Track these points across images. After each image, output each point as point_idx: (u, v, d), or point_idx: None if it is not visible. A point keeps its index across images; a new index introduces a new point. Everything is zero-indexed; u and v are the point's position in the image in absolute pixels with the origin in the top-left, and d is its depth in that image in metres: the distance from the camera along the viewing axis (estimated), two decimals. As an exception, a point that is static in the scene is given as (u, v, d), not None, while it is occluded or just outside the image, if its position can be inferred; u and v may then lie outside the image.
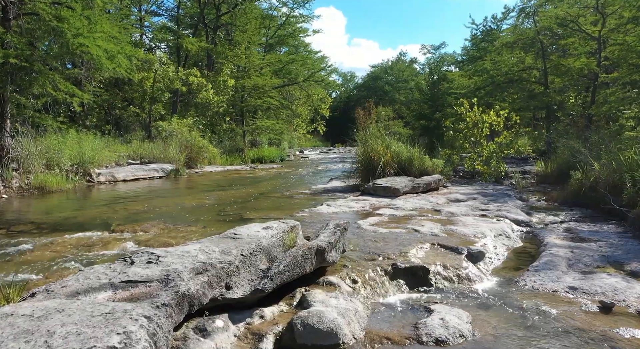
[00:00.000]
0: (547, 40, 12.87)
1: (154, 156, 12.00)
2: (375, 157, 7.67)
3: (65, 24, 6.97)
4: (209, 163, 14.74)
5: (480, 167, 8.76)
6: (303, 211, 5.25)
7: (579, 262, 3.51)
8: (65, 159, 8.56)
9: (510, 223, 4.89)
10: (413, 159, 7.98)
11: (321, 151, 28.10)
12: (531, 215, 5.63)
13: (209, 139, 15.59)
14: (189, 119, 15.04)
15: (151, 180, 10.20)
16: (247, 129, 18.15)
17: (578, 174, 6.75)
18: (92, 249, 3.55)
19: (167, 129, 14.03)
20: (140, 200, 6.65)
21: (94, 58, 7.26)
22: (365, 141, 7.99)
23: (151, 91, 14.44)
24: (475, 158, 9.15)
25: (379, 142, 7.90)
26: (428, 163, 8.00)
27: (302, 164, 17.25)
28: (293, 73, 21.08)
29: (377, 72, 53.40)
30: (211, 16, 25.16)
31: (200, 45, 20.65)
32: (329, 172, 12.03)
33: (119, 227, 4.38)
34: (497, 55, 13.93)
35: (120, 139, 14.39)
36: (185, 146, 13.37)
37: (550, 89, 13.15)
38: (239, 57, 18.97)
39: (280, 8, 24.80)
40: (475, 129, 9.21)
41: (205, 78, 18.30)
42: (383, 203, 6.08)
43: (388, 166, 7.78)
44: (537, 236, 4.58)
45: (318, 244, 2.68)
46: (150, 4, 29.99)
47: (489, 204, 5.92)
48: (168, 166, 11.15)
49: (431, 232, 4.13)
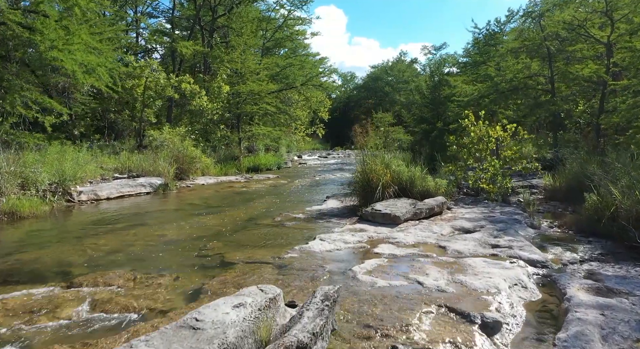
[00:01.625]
0: (554, 47, 12.30)
1: (143, 168, 11.45)
2: (374, 178, 7.12)
3: (37, 35, 6.40)
4: (202, 174, 14.20)
5: (485, 186, 8.21)
6: (293, 250, 4.70)
7: (614, 332, 2.96)
8: (44, 177, 8.01)
9: (525, 266, 4.33)
10: (415, 179, 7.43)
11: (320, 155, 27.56)
12: (546, 249, 5.09)
13: (202, 148, 15.04)
14: (182, 127, 14.50)
15: (138, 197, 9.65)
16: (243, 136, 17.59)
17: (593, 198, 6.19)
18: (34, 317, 3.00)
19: (159, 138, 13.49)
20: (117, 230, 6.09)
21: (69, 73, 6.70)
22: (363, 161, 7.44)
23: (142, 99, 13.88)
24: (480, 175, 8.59)
25: (378, 162, 7.34)
26: (431, 183, 7.44)
27: (300, 172, 16.70)
28: (290, 78, 20.51)
29: (377, 72, 52.83)
30: (207, 18, 24.61)
31: (195, 48, 20.09)
32: (326, 187, 11.48)
33: (79, 277, 3.82)
34: (502, 61, 13.38)
35: (109, 149, 13.86)
36: (176, 156, 12.82)
37: (557, 97, 12.60)
38: (234, 61, 18.41)
39: (278, 9, 24.27)
40: (480, 143, 8.66)
41: (200, 84, 17.76)
42: (382, 235, 5.53)
43: (388, 187, 7.23)
44: (556, 282, 4.03)
45: (299, 340, 2.12)
46: (146, 5, 29.49)
47: (498, 237, 5.36)
48: (157, 180, 10.60)
49: (437, 287, 3.58)
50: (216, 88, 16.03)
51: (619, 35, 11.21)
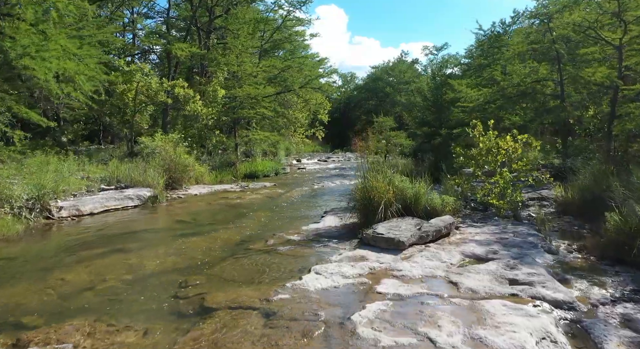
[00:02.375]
0: (563, 50, 11.72)
1: (132, 178, 10.88)
2: (375, 197, 6.55)
3: (7, 41, 5.83)
4: (197, 182, 13.63)
5: (495, 202, 7.63)
6: (284, 289, 4.12)
7: None
8: (20, 192, 7.44)
9: (551, 310, 3.76)
10: (419, 197, 6.85)
11: (319, 159, 27.01)
12: (569, 283, 4.52)
13: (196, 154, 14.48)
14: (175, 133, 13.92)
15: (124, 211, 9.07)
16: (240, 142, 17.02)
17: (615, 218, 5.62)
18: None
19: (150, 145, 12.92)
20: (92, 257, 5.51)
21: (40, 82, 6.13)
22: (364, 176, 6.86)
23: (133, 104, 13.31)
24: (488, 189, 8.02)
25: (380, 178, 6.76)
26: (437, 201, 6.87)
27: (298, 180, 16.13)
28: (289, 81, 19.92)
29: (378, 73, 52.16)
30: (204, 19, 24.03)
31: (191, 50, 19.50)
32: (325, 198, 10.89)
33: (30, 332, 3.24)
34: (508, 64, 12.80)
35: (99, 157, 13.30)
36: (169, 165, 12.26)
37: (566, 103, 12.02)
38: (231, 64, 17.84)
39: (277, 10, 23.67)
40: (489, 155, 8.08)
41: (195, 88, 17.19)
42: (385, 265, 4.95)
43: (390, 205, 6.66)
44: (589, 332, 3.46)
45: None
46: (142, 6, 28.95)
47: (515, 269, 4.78)
48: (146, 192, 10.03)
49: (452, 347, 3.01)
50: (211, 92, 15.45)
51: (631, 37, 10.63)
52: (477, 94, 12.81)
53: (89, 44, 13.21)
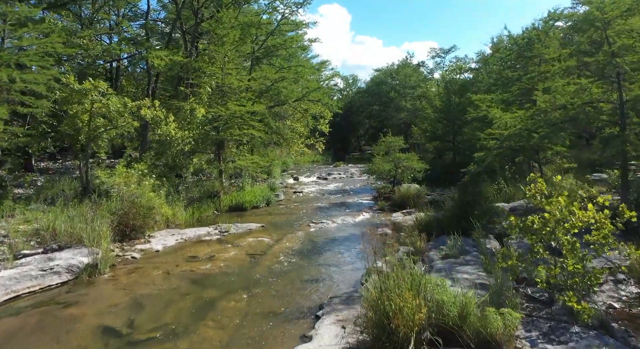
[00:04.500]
0: (626, 64, 9.19)
1: (73, 233, 8.41)
2: (399, 324, 4.02)
3: None
4: (167, 225, 11.14)
5: (575, 305, 5.08)
6: None
7: None
8: None
9: None
10: (468, 315, 4.32)
11: (319, 176, 24.51)
12: None
13: (168, 188, 11.98)
14: (142, 164, 11.43)
15: (42, 294, 6.58)
16: (224, 168, 14.49)
17: None
18: None
19: (107, 182, 10.44)
20: None
21: None
22: (379, 287, 4.32)
23: (87, 129, 10.81)
24: (558, 275, 5.49)
25: (404, 286, 4.22)
26: (495, 324, 4.30)
27: (292, 213, 13.61)
28: (283, 93, 17.42)
29: (382, 76, 49.63)
30: (191, 22, 21.55)
31: (172, 58, 16.98)
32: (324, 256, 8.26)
33: None
34: (552, 82, 10.27)
35: (45, 195, 10.82)
36: (128, 209, 9.79)
37: (629, 131, 9.48)
38: (215, 76, 15.34)
39: (271, 12, 21.11)
40: (559, 228, 5.55)
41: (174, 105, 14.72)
42: None
43: (421, 331, 4.14)
44: None
45: None
46: (126, 8, 26.63)
47: None
48: (82, 258, 7.54)
49: None
50: (188, 111, 12.95)
51: None
52: (512, 119, 10.27)
53: (46, 54, 10.77)
